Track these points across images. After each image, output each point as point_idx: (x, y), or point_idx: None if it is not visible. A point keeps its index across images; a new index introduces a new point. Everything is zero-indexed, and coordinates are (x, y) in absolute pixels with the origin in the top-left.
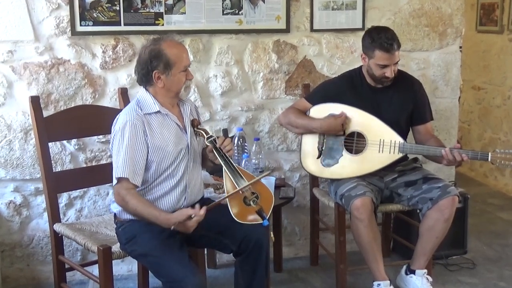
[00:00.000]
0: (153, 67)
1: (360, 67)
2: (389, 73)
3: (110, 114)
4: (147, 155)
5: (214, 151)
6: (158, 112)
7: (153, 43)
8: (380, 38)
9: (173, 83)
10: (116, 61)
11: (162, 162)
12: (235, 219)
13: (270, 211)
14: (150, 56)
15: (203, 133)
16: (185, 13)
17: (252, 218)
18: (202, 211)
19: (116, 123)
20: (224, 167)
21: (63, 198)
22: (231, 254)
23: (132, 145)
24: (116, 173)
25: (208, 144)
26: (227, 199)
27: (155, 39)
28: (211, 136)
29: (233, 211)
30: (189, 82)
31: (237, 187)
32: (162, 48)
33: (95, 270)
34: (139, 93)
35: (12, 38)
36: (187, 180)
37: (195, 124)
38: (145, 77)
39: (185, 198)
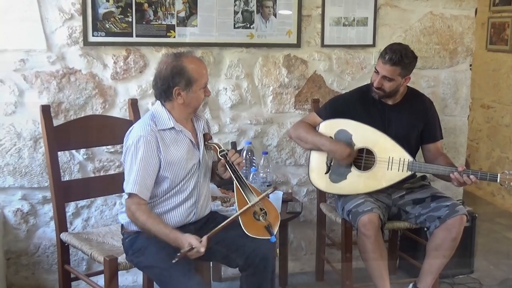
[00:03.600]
0: (174, 83)
1: (372, 83)
2: (376, 82)
3: (120, 124)
4: (159, 171)
5: (226, 165)
6: (173, 128)
7: (175, 59)
8: (387, 48)
9: (192, 99)
10: (127, 72)
11: (173, 178)
12: (245, 231)
13: (277, 229)
14: (173, 73)
15: (216, 146)
16: (197, 25)
17: (261, 232)
18: (202, 247)
19: (130, 137)
20: (235, 181)
21: (70, 207)
22: (237, 268)
23: (145, 161)
24: (127, 188)
25: (221, 158)
26: (237, 212)
27: (175, 54)
28: (223, 150)
29: (243, 223)
30: (207, 99)
31: (248, 201)
32: (185, 65)
33: (100, 280)
34: (154, 107)
35: (25, 47)
36: (197, 195)
37: (207, 138)
38: (165, 93)
39: (194, 213)
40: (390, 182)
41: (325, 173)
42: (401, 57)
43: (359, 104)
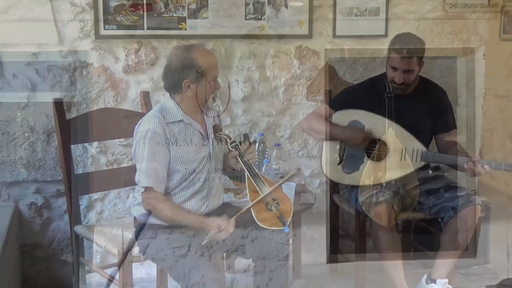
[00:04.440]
0: (184, 76)
1: (384, 73)
2: (397, 78)
3: (132, 117)
4: (169, 163)
5: (238, 156)
6: (181, 121)
7: (185, 51)
8: (397, 42)
9: (202, 92)
10: (139, 65)
11: (184, 170)
12: (257, 223)
13: (290, 218)
14: (183, 65)
15: (226, 138)
16: (208, 17)
17: (273, 223)
18: (232, 227)
19: (139, 130)
20: (246, 173)
21: (83, 200)
22: (251, 259)
23: (154, 154)
24: (142, 182)
25: (232, 149)
26: (249, 203)
27: (186, 47)
28: (234, 142)
29: (255, 215)
30: (217, 92)
31: (260, 192)
32: (195, 58)
33: (114, 272)
34: (163, 99)
35: (37, 41)
36: (208, 187)
37: (217, 129)
38: (174, 85)
39: (206, 206)
40: (403, 173)
41: (338, 164)
42: (415, 46)
43: (371, 95)
